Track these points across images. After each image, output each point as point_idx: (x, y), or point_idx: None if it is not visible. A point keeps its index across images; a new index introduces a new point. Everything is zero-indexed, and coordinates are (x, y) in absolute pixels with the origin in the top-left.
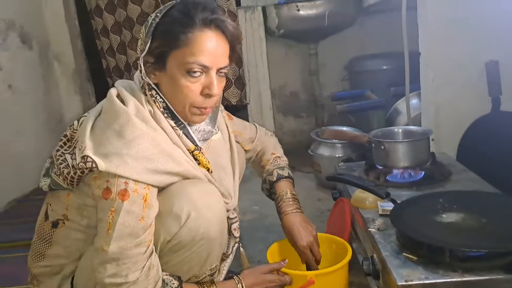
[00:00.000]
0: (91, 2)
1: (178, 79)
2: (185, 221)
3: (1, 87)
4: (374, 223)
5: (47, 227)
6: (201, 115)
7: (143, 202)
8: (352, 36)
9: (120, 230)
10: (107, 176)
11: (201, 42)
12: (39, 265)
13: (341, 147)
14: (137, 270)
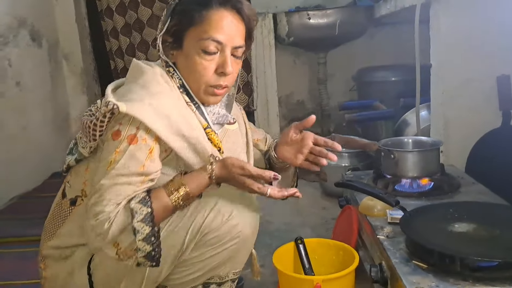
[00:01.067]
0: (102, 3)
1: (193, 57)
2: (228, 217)
3: (9, 83)
4: (382, 230)
5: (65, 205)
6: (215, 95)
7: (148, 153)
8: (361, 47)
9: (118, 169)
10: (121, 119)
11: (216, 20)
12: (49, 245)
13: (348, 156)
14: (113, 204)
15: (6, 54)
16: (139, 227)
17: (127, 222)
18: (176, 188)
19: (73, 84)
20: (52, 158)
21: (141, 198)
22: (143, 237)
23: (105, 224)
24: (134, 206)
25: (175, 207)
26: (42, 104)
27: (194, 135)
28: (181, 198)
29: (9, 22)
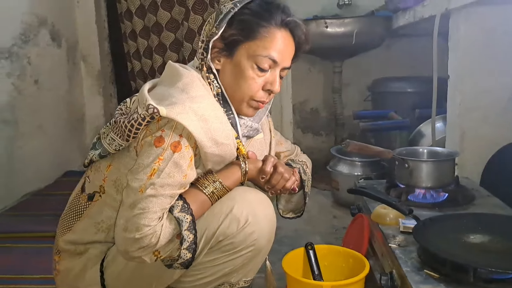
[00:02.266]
0: (122, 6)
1: (245, 69)
2: (243, 224)
3: (28, 81)
4: (394, 239)
5: (83, 199)
6: (255, 109)
7: (189, 161)
8: (377, 57)
9: (164, 178)
10: (163, 125)
11: (276, 39)
12: (64, 239)
13: (361, 165)
14: (157, 218)
15: (26, 52)
16: (185, 235)
17: (175, 232)
18: (210, 182)
19: (89, 85)
20: (65, 157)
21: (181, 207)
22: (187, 246)
23: (152, 238)
24: (178, 215)
25: (211, 201)
26: (58, 104)
27: (227, 142)
28: (217, 190)
29: (30, 20)
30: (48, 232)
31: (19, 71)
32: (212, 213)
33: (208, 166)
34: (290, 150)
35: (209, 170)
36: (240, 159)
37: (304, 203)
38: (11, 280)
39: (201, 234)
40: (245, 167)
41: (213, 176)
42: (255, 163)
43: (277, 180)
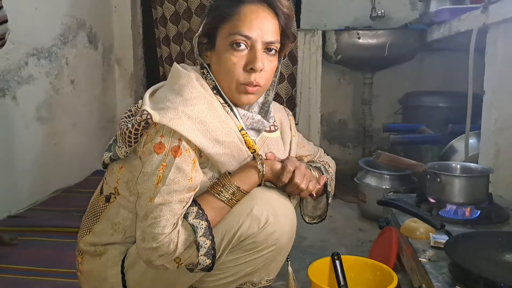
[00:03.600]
0: (157, 12)
1: (223, 54)
2: (264, 224)
3: (65, 81)
4: (425, 253)
5: (101, 201)
6: (247, 93)
7: (192, 164)
8: (409, 70)
9: (169, 185)
10: (161, 131)
11: (245, 14)
12: (85, 241)
13: (390, 178)
14: (171, 225)
15: (65, 53)
16: (202, 241)
17: (191, 239)
18: (226, 187)
19: (121, 87)
20: (95, 157)
21: (196, 213)
22: (205, 252)
23: (170, 245)
24: (193, 222)
25: (228, 206)
26: (91, 104)
27: (229, 139)
28: (234, 196)
29: (70, 23)
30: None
31: (57, 71)
32: (232, 214)
33: (221, 168)
34: (313, 154)
35: (225, 174)
36: (257, 161)
37: (327, 203)
38: (42, 272)
39: (221, 235)
40: (262, 170)
41: (229, 181)
42: (273, 165)
43: (291, 190)
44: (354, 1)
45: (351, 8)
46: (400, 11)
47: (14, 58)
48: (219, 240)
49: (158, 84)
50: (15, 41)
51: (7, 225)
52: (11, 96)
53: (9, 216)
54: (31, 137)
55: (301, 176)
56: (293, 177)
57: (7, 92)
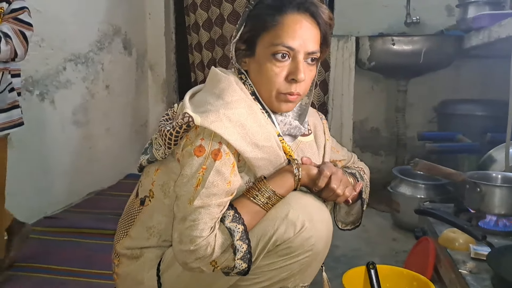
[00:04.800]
0: (190, 19)
1: (264, 63)
2: (300, 229)
3: (100, 86)
4: (465, 265)
5: (136, 204)
6: (287, 102)
7: (232, 167)
8: (445, 78)
9: (209, 188)
10: (202, 134)
11: (288, 24)
12: (121, 244)
13: (425, 187)
14: (209, 228)
15: (101, 58)
16: (238, 245)
17: (228, 243)
18: (262, 191)
19: (154, 93)
20: (128, 160)
21: (233, 216)
22: (241, 256)
23: (207, 248)
24: (230, 225)
25: (264, 210)
26: (125, 109)
27: (268, 144)
28: (270, 200)
29: (106, 29)
30: (109, 230)
31: (93, 76)
32: (267, 218)
33: (257, 173)
34: (347, 159)
35: (261, 178)
36: (293, 165)
37: (362, 211)
38: (77, 273)
39: (257, 239)
40: (298, 174)
41: (265, 185)
42: (309, 170)
43: (327, 195)
44: (388, 7)
45: (385, 15)
46: (436, 17)
47: (53, 64)
48: (255, 244)
49: (196, 88)
50: (54, 47)
51: (43, 226)
52: (49, 100)
53: (45, 217)
54: (67, 140)
55: (337, 182)
56: (329, 182)
57: (45, 96)
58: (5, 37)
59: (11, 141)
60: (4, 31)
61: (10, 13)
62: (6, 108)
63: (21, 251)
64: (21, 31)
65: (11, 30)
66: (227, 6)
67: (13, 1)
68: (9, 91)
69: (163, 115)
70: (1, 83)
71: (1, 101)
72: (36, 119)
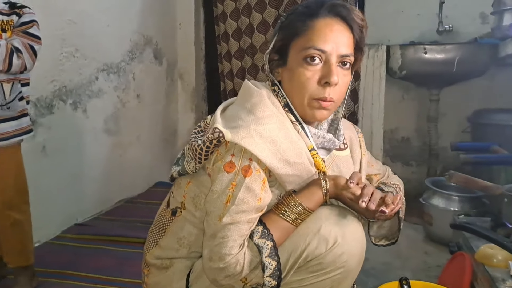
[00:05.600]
0: (220, 28)
1: (296, 69)
2: (332, 245)
3: (131, 94)
4: (504, 283)
5: (167, 214)
6: (321, 108)
7: (262, 184)
8: (480, 87)
9: (238, 205)
10: (232, 150)
11: (319, 28)
12: (151, 254)
13: (459, 200)
14: (238, 246)
15: (132, 68)
16: (267, 262)
17: (257, 260)
18: (291, 207)
19: (184, 101)
20: (158, 169)
21: (261, 232)
22: (271, 273)
23: (236, 266)
24: (258, 242)
25: (293, 226)
26: (155, 117)
27: (300, 161)
28: (300, 215)
29: (138, 39)
30: (139, 238)
31: (124, 85)
32: (298, 233)
33: (287, 188)
34: (382, 173)
35: (289, 192)
36: (321, 177)
37: (399, 228)
38: (106, 281)
39: (288, 254)
40: (325, 186)
41: (294, 200)
42: (336, 179)
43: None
44: (420, 15)
45: (416, 23)
46: (469, 25)
47: (86, 73)
48: (285, 259)
49: (229, 101)
50: (87, 57)
51: (74, 233)
52: (82, 109)
53: (76, 224)
54: (99, 148)
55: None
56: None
57: (78, 105)
58: (17, 51)
59: (45, 149)
60: (15, 45)
61: (19, 26)
62: (16, 116)
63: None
64: (30, 45)
65: (21, 44)
66: (257, 15)
67: (23, 14)
68: (19, 99)
69: (195, 126)
70: (12, 92)
71: (12, 110)
72: (69, 128)
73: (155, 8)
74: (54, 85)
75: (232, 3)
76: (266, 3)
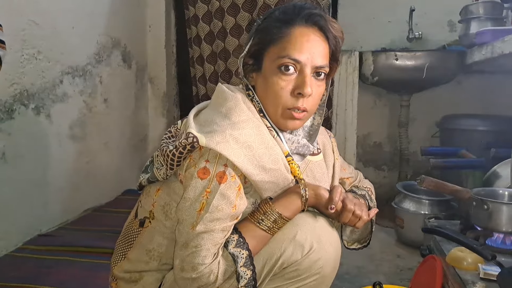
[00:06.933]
0: (192, 31)
1: (270, 77)
2: (308, 251)
3: (98, 99)
4: (474, 286)
5: (135, 225)
6: (293, 119)
7: (237, 191)
8: (448, 93)
9: (213, 212)
10: (206, 155)
11: (295, 37)
12: (119, 267)
13: (429, 203)
14: (212, 255)
15: (99, 71)
16: (242, 272)
17: (231, 269)
18: (267, 215)
19: (154, 106)
20: (126, 176)
21: (237, 241)
22: (245, 283)
23: (210, 276)
24: (233, 251)
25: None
26: (124, 123)
27: (276, 167)
28: (276, 224)
29: (105, 41)
30: (107, 248)
31: (90, 89)
32: (274, 240)
33: (263, 195)
34: (354, 176)
35: (266, 200)
36: (300, 186)
37: (371, 231)
38: None
39: (263, 262)
40: (305, 195)
41: (271, 208)
42: (316, 190)
43: (347, 217)
44: (391, 23)
45: (387, 30)
46: (438, 33)
47: (50, 77)
48: (260, 267)
49: (201, 104)
50: (51, 59)
51: (38, 244)
52: (45, 114)
53: (39, 234)
54: (64, 155)
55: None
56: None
57: (41, 110)
58: None
59: (5, 156)
60: None
61: None
62: None
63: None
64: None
65: None
66: (230, 19)
67: None
68: None
69: (166, 132)
70: None
71: None
72: (32, 134)
73: (123, 10)
74: (15, 89)
75: (205, 6)
76: (239, 7)
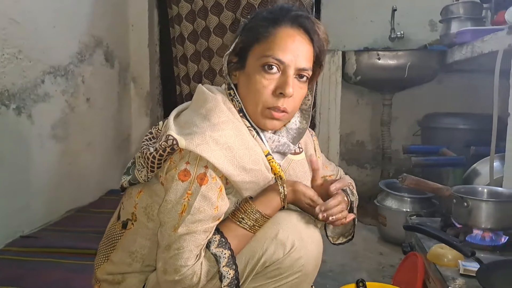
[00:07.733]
0: (175, 31)
1: (253, 75)
2: (290, 250)
3: (81, 99)
4: (454, 282)
5: (117, 227)
6: (272, 118)
7: (219, 192)
8: (429, 92)
9: (194, 214)
10: (187, 157)
11: (281, 37)
12: (103, 269)
13: (410, 201)
14: (194, 256)
15: (81, 71)
16: (225, 272)
17: (214, 270)
18: (248, 214)
19: (137, 106)
20: (110, 176)
21: (218, 242)
22: (228, 282)
23: (193, 278)
24: (215, 251)
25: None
26: (107, 123)
27: (256, 167)
28: (257, 222)
29: (87, 41)
30: (90, 249)
31: (73, 89)
32: (256, 239)
33: (244, 194)
34: (335, 174)
35: (246, 199)
36: (278, 183)
37: (353, 224)
38: None
39: (245, 261)
40: (283, 191)
41: (251, 206)
42: (294, 186)
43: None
44: (374, 22)
45: (370, 29)
46: (419, 32)
47: (31, 76)
48: (243, 266)
49: (182, 106)
50: (32, 59)
51: (20, 246)
52: (26, 114)
53: (21, 236)
54: (46, 156)
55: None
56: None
57: (23, 110)
58: None
59: None
60: None
61: None
62: None
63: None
64: None
65: None
66: (213, 18)
67: None
68: None
69: (146, 133)
70: None
71: None
72: (13, 134)
73: (105, 9)
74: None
75: (188, 5)
76: (223, 6)
